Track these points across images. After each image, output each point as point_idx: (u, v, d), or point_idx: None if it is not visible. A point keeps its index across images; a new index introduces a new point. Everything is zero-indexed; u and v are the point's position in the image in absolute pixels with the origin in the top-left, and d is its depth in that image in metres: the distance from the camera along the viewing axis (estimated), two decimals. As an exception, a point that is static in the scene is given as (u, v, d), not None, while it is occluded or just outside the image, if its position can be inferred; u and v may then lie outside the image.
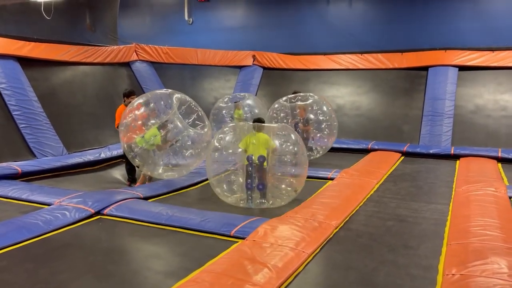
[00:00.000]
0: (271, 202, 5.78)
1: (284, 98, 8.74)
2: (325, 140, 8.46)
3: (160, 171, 6.49)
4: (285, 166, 5.88)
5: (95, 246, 4.29)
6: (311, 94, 8.84)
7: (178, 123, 6.31)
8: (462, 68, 10.88)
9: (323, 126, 8.37)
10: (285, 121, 8.37)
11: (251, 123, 6.00)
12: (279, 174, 5.87)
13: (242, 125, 6.30)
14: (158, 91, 6.87)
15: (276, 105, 8.68)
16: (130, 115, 6.27)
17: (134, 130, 6.25)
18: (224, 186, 5.91)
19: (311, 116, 8.42)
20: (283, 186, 5.91)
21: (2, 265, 3.75)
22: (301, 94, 8.82)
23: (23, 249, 4.11)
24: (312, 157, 8.23)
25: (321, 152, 8.56)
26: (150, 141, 6.27)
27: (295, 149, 5.89)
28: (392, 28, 12.02)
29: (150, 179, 6.97)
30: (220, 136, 6.01)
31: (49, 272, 3.66)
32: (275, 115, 8.58)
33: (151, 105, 6.37)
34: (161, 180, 6.76)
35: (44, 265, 3.80)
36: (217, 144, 5.95)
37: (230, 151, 5.95)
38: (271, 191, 5.81)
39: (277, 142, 5.86)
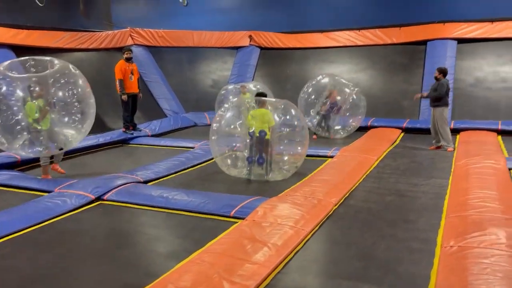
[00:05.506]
0: (270, 175, 5.93)
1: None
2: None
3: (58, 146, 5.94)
4: (285, 142, 6.02)
5: (97, 231, 4.33)
6: None
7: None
8: (461, 40, 10.78)
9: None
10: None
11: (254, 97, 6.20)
12: (281, 147, 6.01)
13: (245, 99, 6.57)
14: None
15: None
16: None
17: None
18: (229, 161, 6.13)
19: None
20: (285, 158, 6.05)
21: (5, 252, 3.79)
22: None
23: (25, 236, 4.14)
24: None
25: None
26: (35, 115, 5.64)
27: (295, 123, 6.02)
28: (389, 2, 11.83)
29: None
30: (221, 113, 6.16)
31: (52, 258, 3.69)
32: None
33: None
34: (160, 162, 6.74)
35: (46, 251, 3.83)
36: (216, 124, 6.08)
37: (232, 127, 6.08)
38: (271, 165, 5.97)
39: (276, 118, 5.97)
